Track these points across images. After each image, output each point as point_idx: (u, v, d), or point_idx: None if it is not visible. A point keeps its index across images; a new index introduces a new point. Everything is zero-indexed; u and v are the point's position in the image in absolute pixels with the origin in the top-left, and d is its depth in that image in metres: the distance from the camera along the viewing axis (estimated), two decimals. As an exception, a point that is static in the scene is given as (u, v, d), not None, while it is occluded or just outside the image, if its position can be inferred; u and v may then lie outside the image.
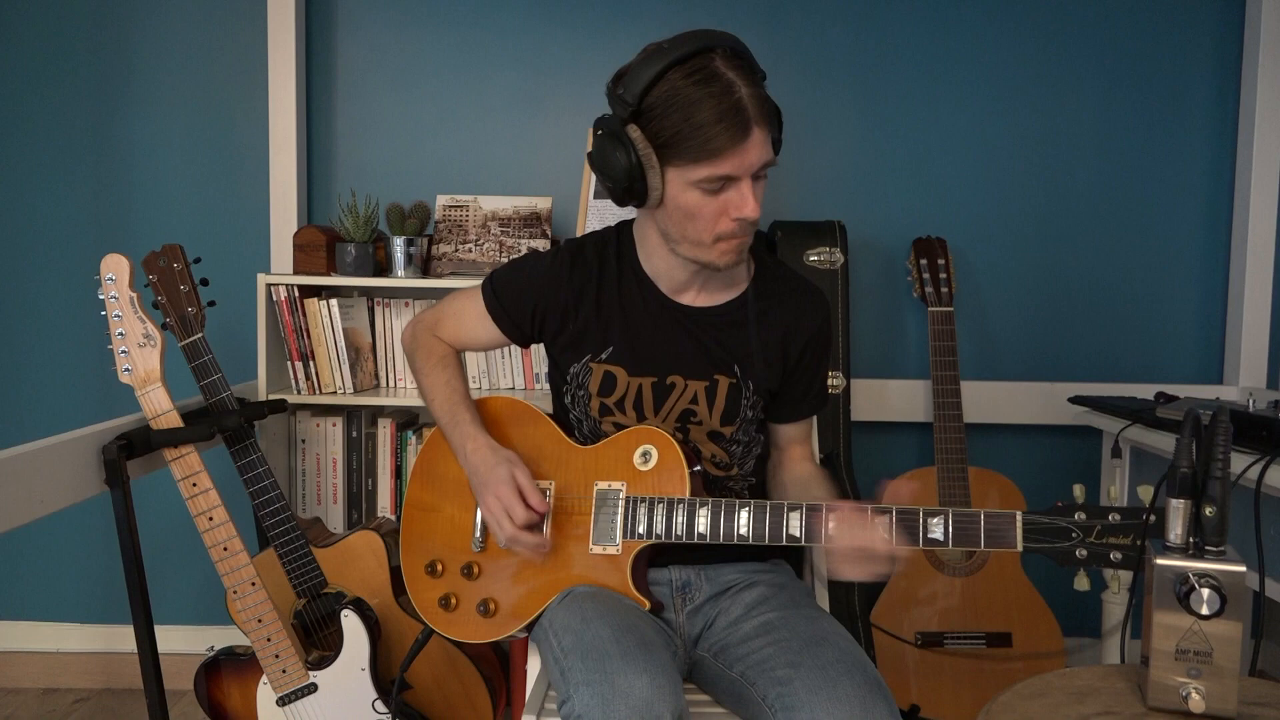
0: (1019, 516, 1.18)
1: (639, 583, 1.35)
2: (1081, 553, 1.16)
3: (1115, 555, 1.15)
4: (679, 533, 1.32)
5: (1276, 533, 1.58)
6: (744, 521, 1.29)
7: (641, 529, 1.34)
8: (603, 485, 1.38)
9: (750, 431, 1.46)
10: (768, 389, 1.44)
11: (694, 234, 1.30)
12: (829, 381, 1.55)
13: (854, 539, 1.21)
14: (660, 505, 1.33)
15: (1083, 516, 1.17)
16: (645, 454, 1.38)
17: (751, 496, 1.49)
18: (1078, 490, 1.22)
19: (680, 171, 1.25)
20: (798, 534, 1.27)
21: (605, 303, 1.42)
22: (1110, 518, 1.16)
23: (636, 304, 1.42)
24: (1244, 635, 1.04)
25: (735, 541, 1.29)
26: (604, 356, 1.42)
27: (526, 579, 1.40)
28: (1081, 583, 1.24)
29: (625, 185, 1.29)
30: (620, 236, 1.46)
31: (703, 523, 1.31)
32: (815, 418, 1.58)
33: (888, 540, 1.20)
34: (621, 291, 1.43)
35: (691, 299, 1.43)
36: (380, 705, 1.82)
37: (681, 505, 1.32)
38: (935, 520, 1.21)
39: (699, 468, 1.38)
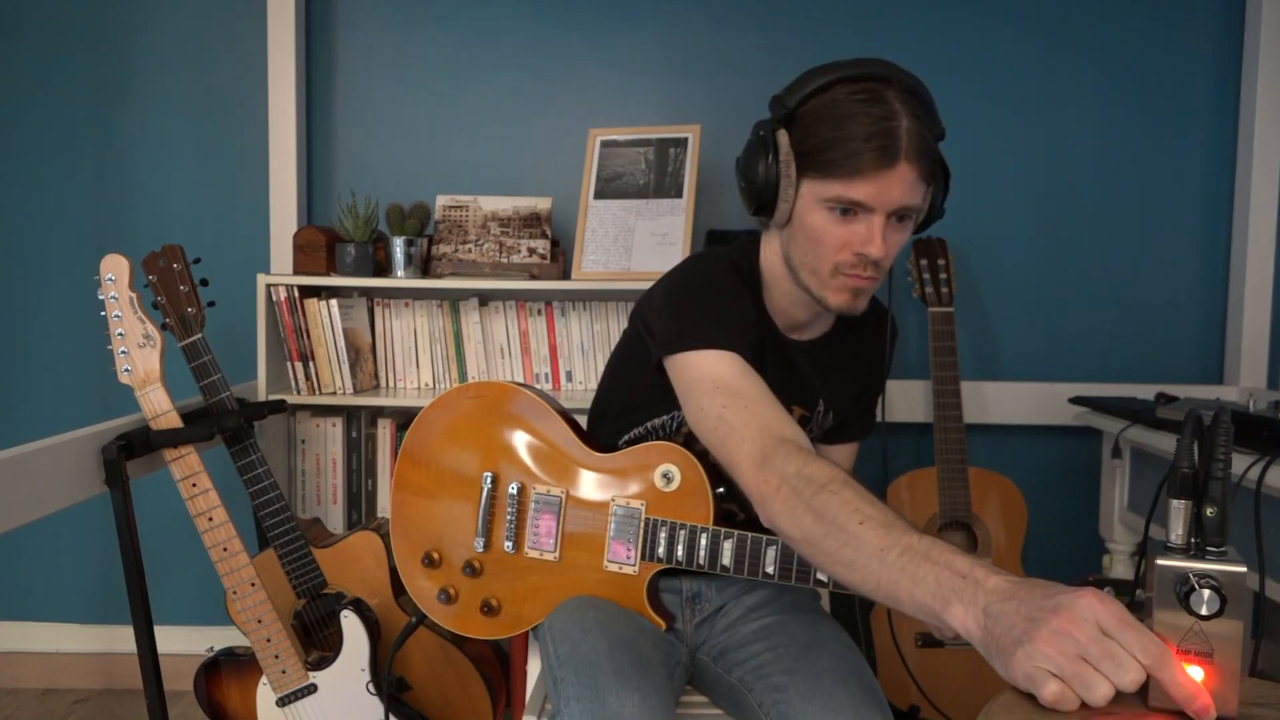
0: None
1: (654, 602, 1.34)
2: None
3: None
4: (701, 561, 1.28)
5: (1277, 533, 1.58)
6: (770, 559, 1.24)
7: (661, 552, 1.30)
8: (621, 502, 1.34)
9: None
10: (840, 417, 1.43)
11: (814, 261, 1.22)
12: (876, 408, 1.53)
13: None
14: (682, 531, 1.29)
15: (1110, 592, 1.18)
16: (667, 475, 1.33)
17: None
18: (1106, 561, 1.21)
19: (814, 186, 1.18)
20: (825, 578, 1.22)
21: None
22: (1136, 594, 1.16)
23: (760, 333, 1.32)
24: (1244, 636, 1.04)
25: (760, 579, 1.25)
26: None
27: (534, 585, 1.37)
28: None
29: (760, 193, 1.23)
30: (749, 264, 1.34)
31: (727, 556, 1.26)
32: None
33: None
34: (757, 317, 1.33)
35: (796, 335, 1.38)
36: (373, 688, 1.82)
37: (705, 535, 1.28)
38: None
39: (722, 489, 1.33)
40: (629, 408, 1.41)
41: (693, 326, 1.21)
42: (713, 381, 1.17)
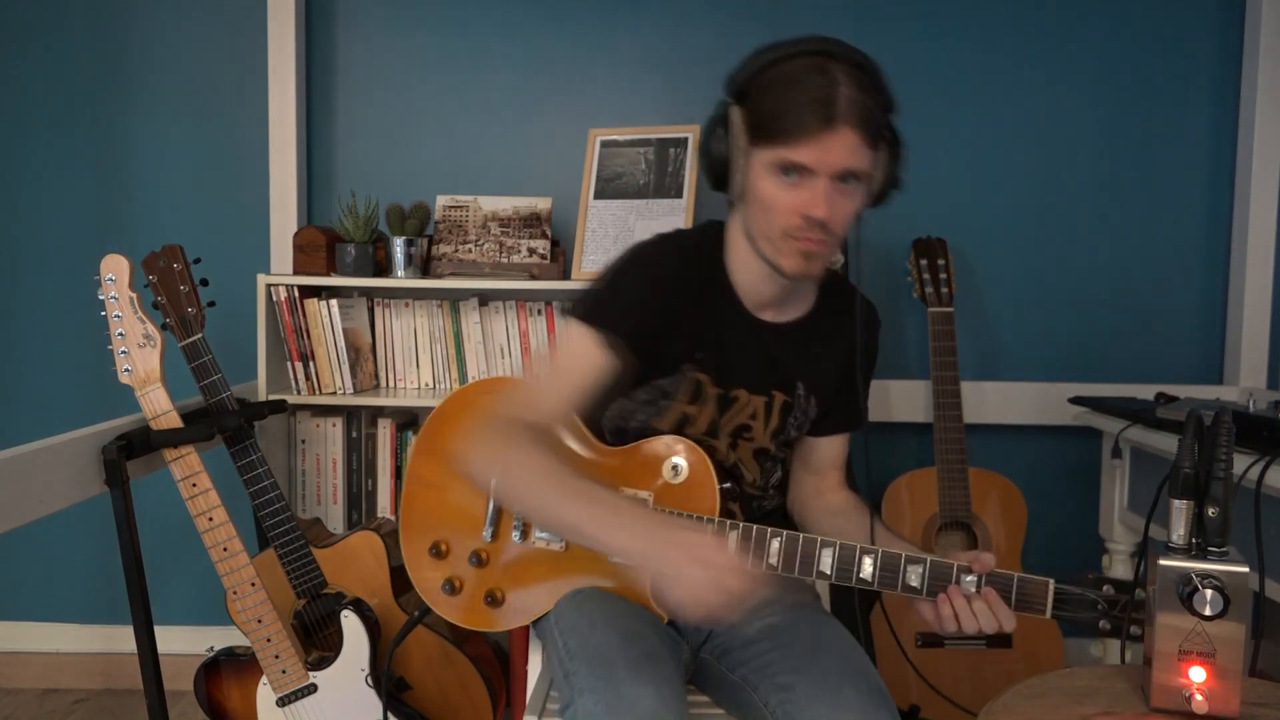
0: (1051, 585, 1.18)
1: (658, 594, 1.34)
2: (1104, 624, 1.17)
3: (1135, 630, 1.17)
4: None
5: (1277, 533, 1.58)
6: (774, 551, 1.26)
7: None
8: (629, 493, 1.35)
9: (783, 449, 1.45)
10: (825, 404, 1.44)
11: (766, 228, 1.26)
12: (864, 402, 1.53)
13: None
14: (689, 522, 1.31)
15: (1110, 590, 1.18)
16: (675, 467, 1.35)
17: (774, 513, 1.48)
18: (1106, 561, 1.22)
19: (762, 153, 1.22)
20: (828, 571, 1.24)
21: (701, 314, 1.36)
22: (1136, 594, 1.17)
23: (723, 314, 1.37)
24: (1245, 636, 1.04)
25: (764, 570, 1.26)
26: (697, 361, 1.37)
27: (540, 577, 1.38)
28: (1098, 649, 1.22)
29: (716, 166, 1.29)
30: (711, 243, 1.38)
31: (731, 546, 1.27)
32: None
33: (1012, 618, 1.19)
34: (713, 299, 1.37)
35: (768, 315, 1.39)
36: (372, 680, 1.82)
37: (710, 526, 1.29)
38: (969, 577, 1.20)
39: (728, 484, 1.35)
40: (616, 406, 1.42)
41: (591, 300, 1.31)
42: (558, 347, 1.32)
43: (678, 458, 1.35)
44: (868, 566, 1.23)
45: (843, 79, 1.19)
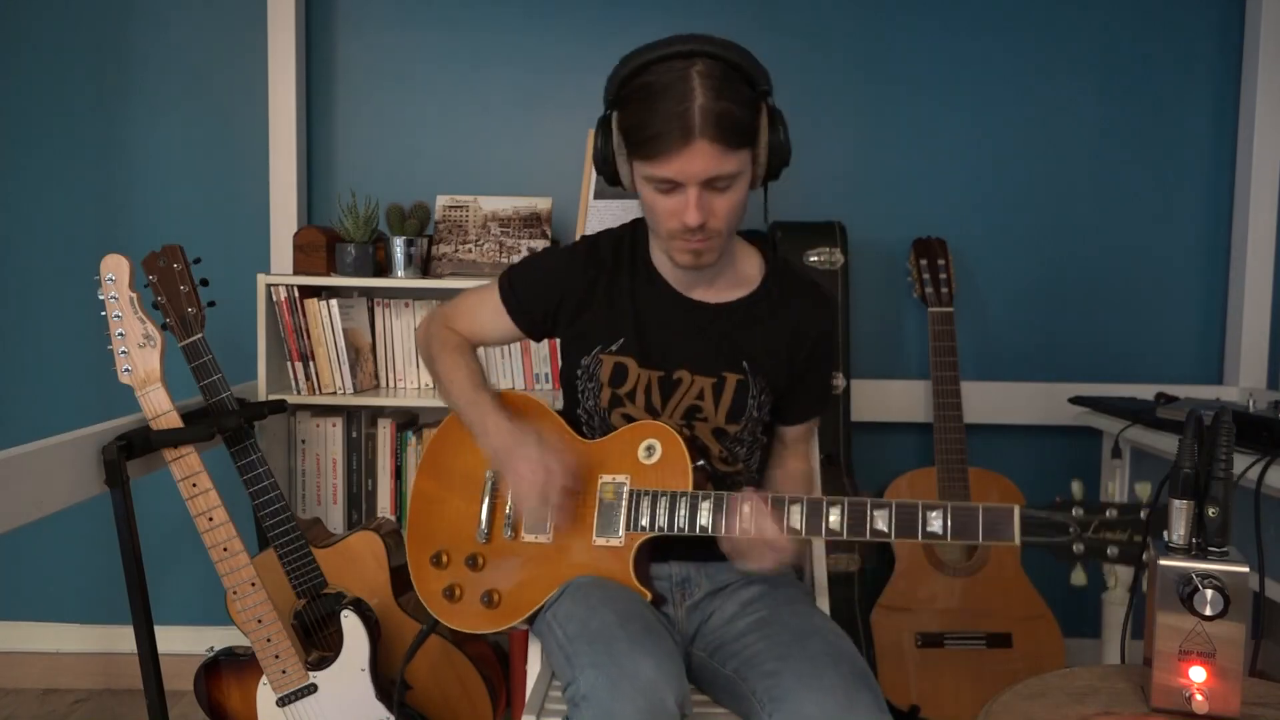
0: (1016, 510, 1.19)
1: (641, 574, 1.35)
2: (1079, 548, 1.17)
3: (1112, 550, 1.16)
4: (681, 525, 1.33)
5: (1277, 533, 1.58)
6: (746, 515, 1.30)
7: (645, 521, 1.34)
8: (606, 478, 1.39)
9: (756, 432, 1.47)
10: (775, 386, 1.45)
11: (655, 228, 1.35)
12: (831, 382, 1.56)
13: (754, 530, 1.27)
14: (663, 499, 1.34)
15: (1080, 512, 1.17)
16: (649, 448, 1.39)
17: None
18: (1076, 486, 1.21)
19: (637, 165, 1.30)
20: (798, 526, 1.28)
21: (617, 296, 1.44)
22: (1108, 513, 1.16)
23: (648, 298, 1.44)
24: (1245, 636, 1.04)
25: (738, 535, 1.30)
26: (614, 348, 1.43)
27: (530, 570, 1.41)
28: (1079, 578, 1.23)
29: (606, 169, 1.36)
30: (636, 232, 1.48)
31: (705, 516, 1.32)
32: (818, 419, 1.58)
33: (778, 530, 1.26)
34: (634, 285, 1.44)
35: (702, 295, 1.44)
36: (376, 691, 1.82)
37: (684, 499, 1.33)
38: (934, 514, 1.21)
39: (702, 462, 1.39)
40: (566, 372, 1.50)
41: (510, 269, 1.52)
42: (478, 294, 1.55)
43: (651, 439, 1.39)
44: (834, 516, 1.26)
45: (697, 87, 1.22)
